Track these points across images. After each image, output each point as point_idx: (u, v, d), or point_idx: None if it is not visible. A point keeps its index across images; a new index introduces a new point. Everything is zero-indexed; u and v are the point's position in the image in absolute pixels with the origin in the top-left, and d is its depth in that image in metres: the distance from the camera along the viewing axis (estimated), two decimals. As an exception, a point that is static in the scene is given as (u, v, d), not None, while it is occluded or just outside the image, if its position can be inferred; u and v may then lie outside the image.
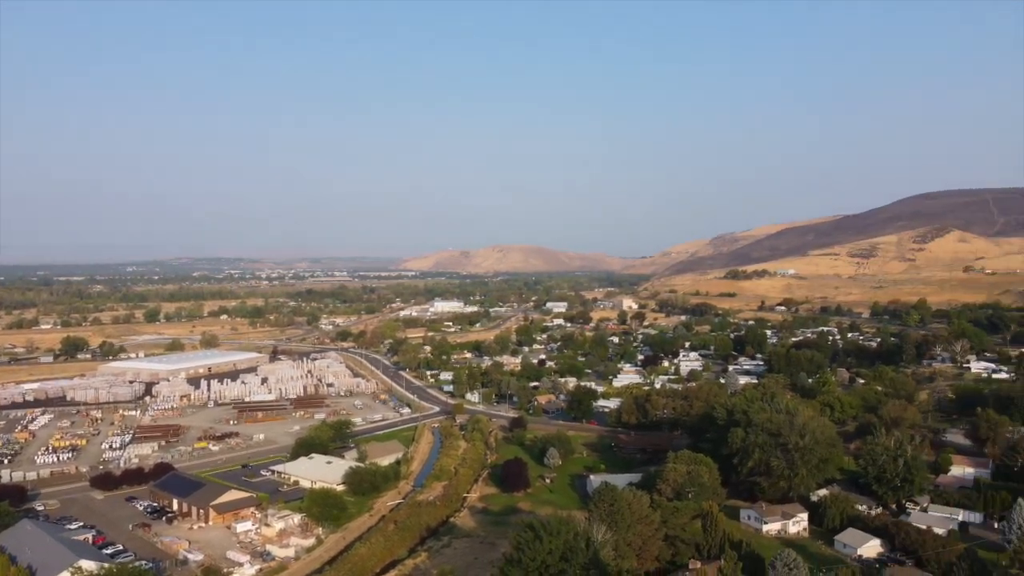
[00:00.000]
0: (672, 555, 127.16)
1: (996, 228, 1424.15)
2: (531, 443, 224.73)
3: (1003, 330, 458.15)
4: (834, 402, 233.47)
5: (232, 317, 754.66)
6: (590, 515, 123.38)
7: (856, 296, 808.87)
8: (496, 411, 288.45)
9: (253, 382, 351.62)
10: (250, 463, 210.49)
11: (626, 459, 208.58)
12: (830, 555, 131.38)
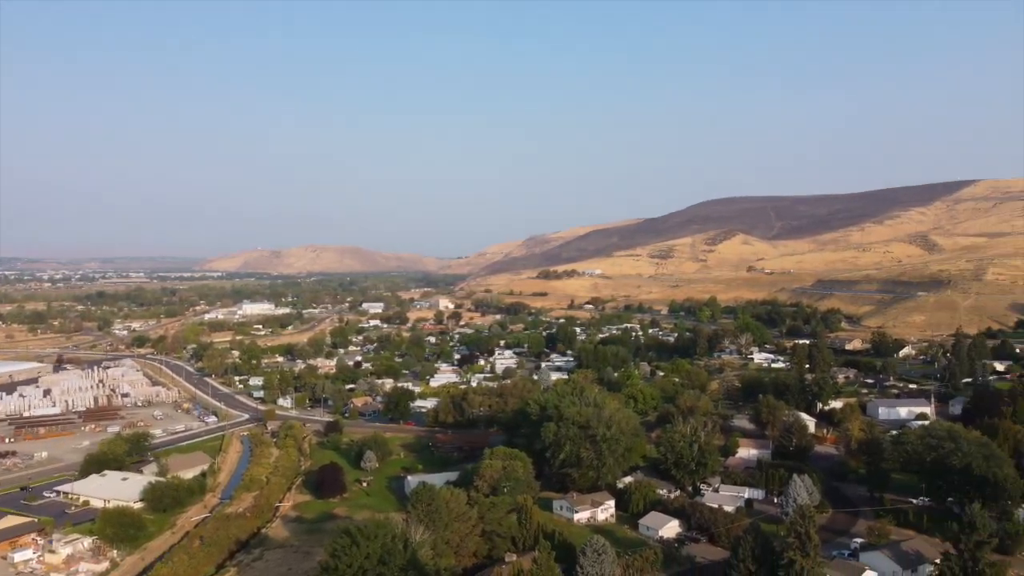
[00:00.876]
0: (489, 550, 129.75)
1: (774, 232, 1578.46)
2: (347, 447, 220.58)
3: (780, 324, 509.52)
4: (637, 394, 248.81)
5: (7, 323, 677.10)
6: (408, 516, 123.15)
7: (656, 294, 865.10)
8: (310, 416, 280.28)
9: (33, 395, 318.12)
10: (31, 485, 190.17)
11: (444, 458, 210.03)
12: (635, 538, 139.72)
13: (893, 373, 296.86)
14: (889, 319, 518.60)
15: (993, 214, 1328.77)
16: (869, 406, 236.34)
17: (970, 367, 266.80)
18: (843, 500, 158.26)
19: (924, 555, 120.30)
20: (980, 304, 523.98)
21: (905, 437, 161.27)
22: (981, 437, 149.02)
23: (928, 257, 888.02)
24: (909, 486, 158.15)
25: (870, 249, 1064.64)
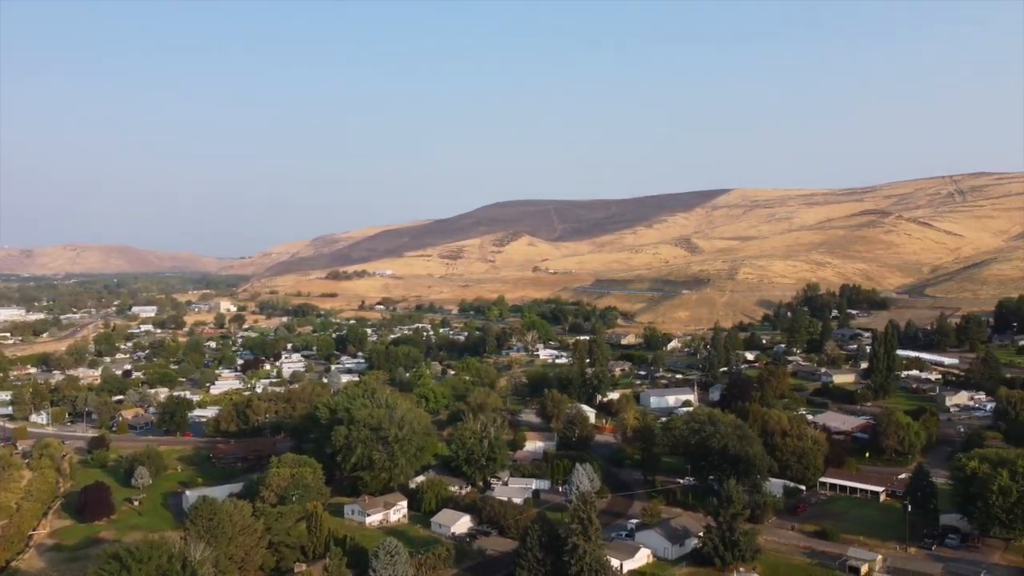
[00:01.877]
0: (277, 561, 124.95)
1: (557, 234, 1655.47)
2: (115, 464, 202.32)
3: (563, 321, 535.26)
4: (429, 393, 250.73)
5: None
6: (186, 533, 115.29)
7: (447, 294, 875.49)
8: (71, 432, 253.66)
9: None
10: None
11: (227, 469, 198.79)
12: (428, 536, 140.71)
13: (662, 365, 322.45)
14: (658, 315, 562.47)
15: (744, 220, 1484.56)
16: (642, 396, 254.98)
17: (726, 357, 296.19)
18: (621, 484, 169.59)
19: (690, 529, 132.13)
20: (734, 300, 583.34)
21: (673, 423, 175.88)
22: (736, 420, 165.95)
23: (691, 258, 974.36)
24: (677, 468, 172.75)
25: (642, 251, 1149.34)
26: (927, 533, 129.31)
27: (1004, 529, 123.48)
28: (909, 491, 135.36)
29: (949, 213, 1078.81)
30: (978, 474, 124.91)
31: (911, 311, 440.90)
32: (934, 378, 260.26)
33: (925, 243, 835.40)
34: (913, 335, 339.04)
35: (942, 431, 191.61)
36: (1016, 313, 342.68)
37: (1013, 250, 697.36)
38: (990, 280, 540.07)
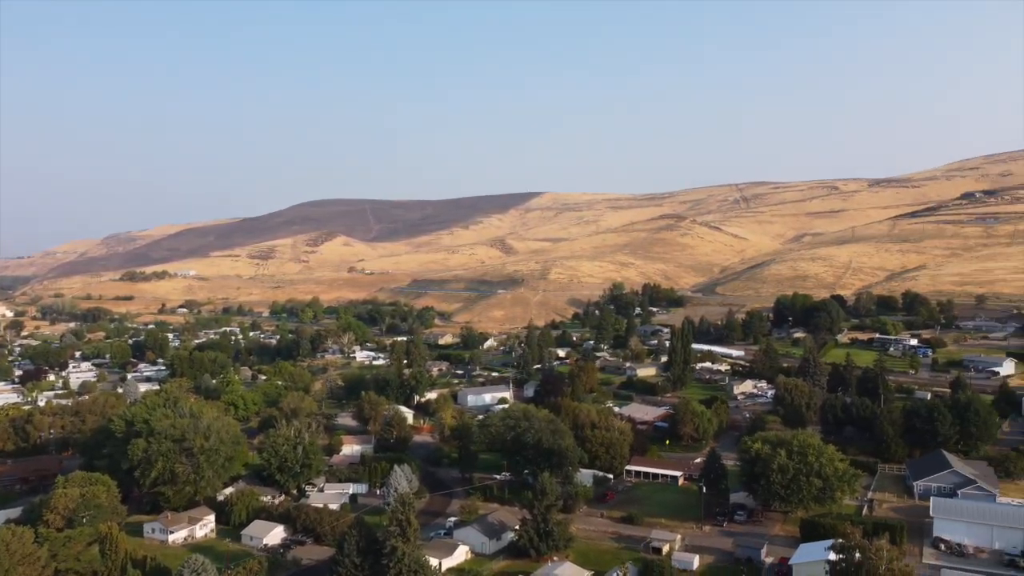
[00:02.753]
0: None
1: (373, 234, 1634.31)
2: None
3: (380, 322, 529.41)
4: (238, 400, 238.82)
5: None
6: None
7: (257, 296, 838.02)
8: None
9: None
10: None
11: (3, 493, 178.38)
12: (239, 550, 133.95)
13: (479, 364, 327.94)
14: (475, 315, 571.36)
15: (555, 222, 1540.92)
16: (460, 395, 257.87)
17: (539, 355, 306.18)
18: (439, 484, 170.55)
19: (507, 523, 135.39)
20: (546, 299, 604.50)
21: (489, 420, 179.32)
22: (549, 415, 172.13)
23: (506, 259, 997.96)
24: (494, 464, 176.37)
25: (458, 251, 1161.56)
26: (719, 511, 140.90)
27: (783, 503, 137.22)
28: (703, 474, 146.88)
29: (736, 218, 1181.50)
30: (761, 455, 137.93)
31: (704, 308, 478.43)
32: (724, 369, 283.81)
33: (716, 245, 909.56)
34: (706, 330, 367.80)
35: (731, 417, 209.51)
36: (791, 309, 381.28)
37: (788, 252, 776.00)
38: (769, 279, 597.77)
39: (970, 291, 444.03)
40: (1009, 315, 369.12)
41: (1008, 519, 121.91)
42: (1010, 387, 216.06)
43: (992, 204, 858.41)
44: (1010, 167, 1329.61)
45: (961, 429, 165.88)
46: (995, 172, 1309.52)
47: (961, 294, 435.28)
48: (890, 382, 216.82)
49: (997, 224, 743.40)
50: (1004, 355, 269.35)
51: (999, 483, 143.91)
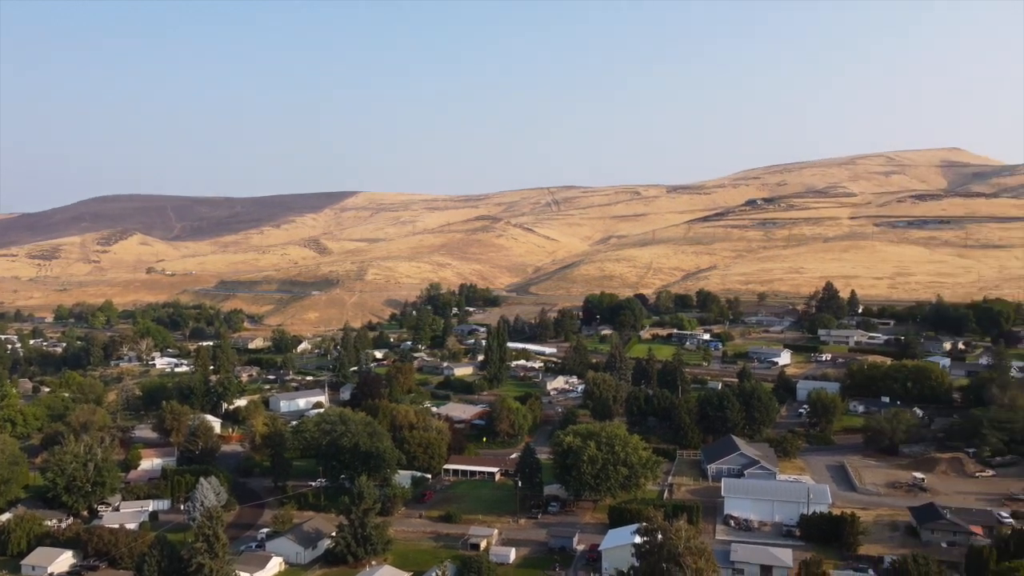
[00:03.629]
0: None
1: (175, 233, 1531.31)
2: None
3: (183, 326, 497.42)
4: (16, 416, 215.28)
5: None
6: None
7: (39, 299, 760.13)
8: None
9: None
10: None
11: None
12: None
13: (292, 367, 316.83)
14: (288, 317, 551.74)
15: (371, 222, 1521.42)
16: (272, 401, 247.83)
17: (356, 357, 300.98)
18: (250, 494, 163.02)
19: (323, 531, 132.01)
20: (363, 300, 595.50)
21: (303, 426, 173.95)
22: (366, 417, 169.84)
23: (320, 259, 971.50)
24: (310, 471, 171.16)
25: (269, 251, 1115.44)
26: (533, 504, 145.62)
27: (593, 492, 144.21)
28: (519, 468, 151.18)
29: (548, 220, 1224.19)
30: (572, 447, 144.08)
31: (519, 307, 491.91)
32: (538, 366, 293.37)
33: (529, 246, 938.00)
34: (521, 329, 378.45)
35: (545, 412, 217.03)
36: (599, 307, 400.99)
37: (595, 253, 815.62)
38: (579, 279, 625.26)
39: (753, 289, 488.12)
40: (785, 311, 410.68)
41: (786, 494, 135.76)
42: (787, 375, 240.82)
43: (771, 211, 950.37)
44: (785, 177, 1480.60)
45: (747, 415, 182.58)
46: (773, 182, 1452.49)
47: (746, 292, 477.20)
48: (687, 374, 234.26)
49: (775, 229, 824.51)
50: (782, 347, 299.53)
51: (778, 462, 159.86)
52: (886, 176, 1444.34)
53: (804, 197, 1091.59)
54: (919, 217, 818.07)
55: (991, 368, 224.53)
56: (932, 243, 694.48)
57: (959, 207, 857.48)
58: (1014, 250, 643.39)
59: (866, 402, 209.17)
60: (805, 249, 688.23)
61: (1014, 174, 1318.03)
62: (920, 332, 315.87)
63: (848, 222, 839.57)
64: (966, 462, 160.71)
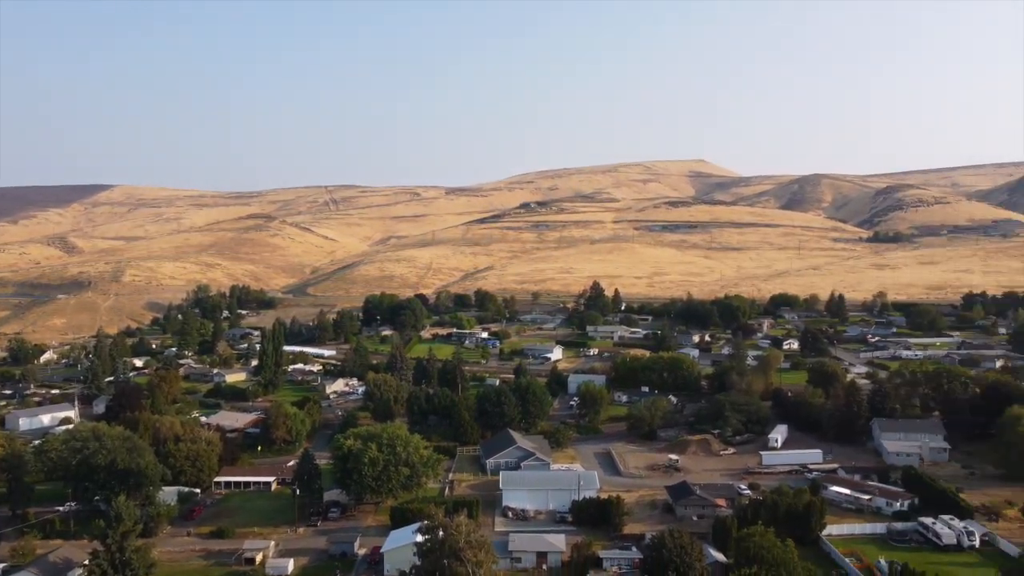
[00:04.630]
0: None
1: None
2: None
3: None
4: None
5: None
6: None
7: None
8: None
9: None
10: None
11: None
12: None
13: (34, 380, 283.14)
14: (28, 323, 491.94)
15: (129, 219, 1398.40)
16: (9, 419, 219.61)
17: (112, 366, 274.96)
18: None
19: (73, 560, 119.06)
20: (120, 304, 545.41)
21: (48, 445, 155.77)
22: (124, 431, 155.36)
23: (68, 259, 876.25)
24: (57, 495, 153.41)
25: (5, 250, 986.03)
26: (313, 511, 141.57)
27: (374, 495, 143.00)
28: (297, 476, 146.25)
29: (326, 220, 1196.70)
30: (353, 450, 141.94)
31: (296, 309, 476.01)
32: (316, 369, 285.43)
33: (306, 246, 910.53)
34: (298, 331, 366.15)
35: (324, 416, 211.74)
36: (379, 308, 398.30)
37: (375, 254, 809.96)
38: (359, 280, 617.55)
39: (528, 288, 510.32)
40: (557, 309, 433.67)
41: (558, 483, 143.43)
42: (559, 370, 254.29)
43: (544, 214, 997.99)
44: (557, 182, 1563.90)
45: (523, 409, 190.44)
46: (546, 186, 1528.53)
47: (521, 291, 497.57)
48: (466, 372, 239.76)
49: (547, 231, 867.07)
50: (554, 343, 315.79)
51: (552, 453, 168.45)
52: (644, 183, 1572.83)
53: (573, 201, 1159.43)
54: (672, 222, 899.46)
55: (731, 357, 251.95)
56: (683, 245, 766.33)
57: (705, 213, 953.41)
58: (749, 252, 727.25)
59: (629, 392, 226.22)
60: (574, 250, 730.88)
61: (749, 185, 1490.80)
62: (674, 326, 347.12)
63: (612, 225, 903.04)
64: (712, 442, 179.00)
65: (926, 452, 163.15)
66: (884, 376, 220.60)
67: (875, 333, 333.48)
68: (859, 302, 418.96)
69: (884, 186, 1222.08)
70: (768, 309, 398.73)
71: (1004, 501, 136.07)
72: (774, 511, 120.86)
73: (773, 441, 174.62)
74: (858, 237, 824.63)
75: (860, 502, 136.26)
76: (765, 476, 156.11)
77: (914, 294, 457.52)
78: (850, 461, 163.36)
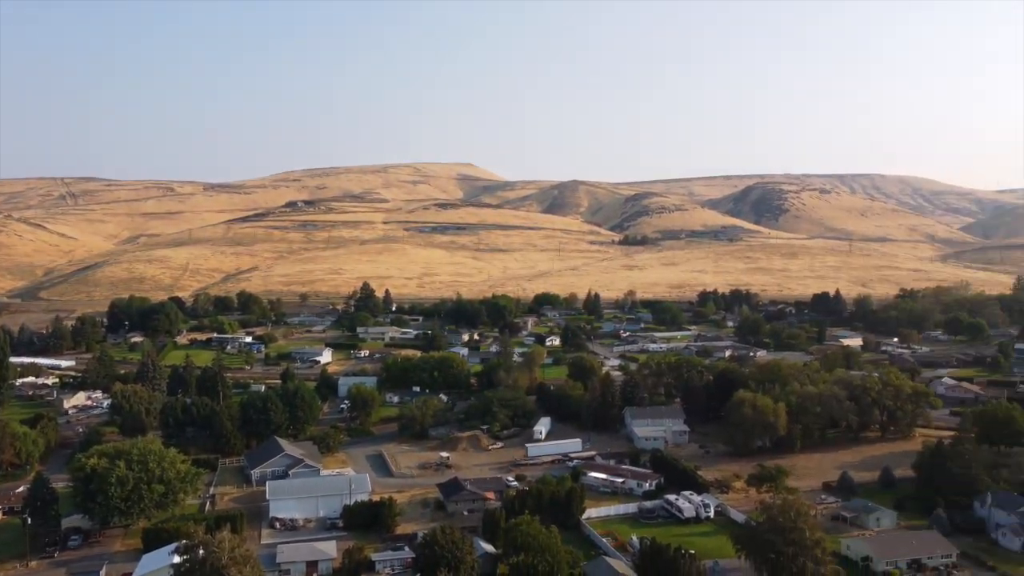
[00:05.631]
0: None
1: None
2: None
3: None
4: None
5: None
6: None
7: None
8: None
9: None
10: None
11: None
12: None
13: None
14: None
15: None
16: None
17: None
18: None
19: None
20: None
21: None
22: None
23: None
24: None
25: None
26: (49, 541, 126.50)
27: (124, 517, 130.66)
28: (28, 503, 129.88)
29: (62, 215, 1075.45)
30: (97, 470, 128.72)
31: (25, 315, 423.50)
32: (52, 382, 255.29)
33: (38, 245, 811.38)
34: (29, 340, 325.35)
35: (62, 435, 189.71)
36: (128, 312, 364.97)
37: (123, 253, 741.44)
38: (103, 282, 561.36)
39: (295, 290, 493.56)
40: (326, 310, 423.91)
41: (329, 488, 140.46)
42: (328, 372, 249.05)
43: (311, 213, 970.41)
44: (325, 181, 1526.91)
45: (291, 415, 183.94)
46: (313, 184, 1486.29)
47: (288, 293, 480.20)
48: (228, 379, 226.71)
49: (315, 231, 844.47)
50: (323, 345, 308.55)
51: (322, 458, 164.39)
52: (414, 185, 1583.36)
53: (342, 201, 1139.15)
54: (441, 223, 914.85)
55: (499, 355, 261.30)
56: (452, 247, 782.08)
57: (473, 216, 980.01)
58: (514, 253, 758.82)
59: (400, 392, 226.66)
60: (344, 251, 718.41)
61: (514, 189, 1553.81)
62: (444, 326, 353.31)
63: (382, 226, 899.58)
64: (481, 438, 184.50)
65: (670, 435, 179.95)
66: (634, 368, 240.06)
67: (626, 329, 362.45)
68: (613, 300, 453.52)
69: (633, 193, 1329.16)
70: (532, 308, 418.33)
71: (733, 475, 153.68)
72: (539, 500, 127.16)
73: (538, 433, 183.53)
74: (611, 240, 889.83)
75: (615, 485, 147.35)
76: (531, 467, 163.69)
77: (659, 292, 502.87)
78: (606, 448, 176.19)
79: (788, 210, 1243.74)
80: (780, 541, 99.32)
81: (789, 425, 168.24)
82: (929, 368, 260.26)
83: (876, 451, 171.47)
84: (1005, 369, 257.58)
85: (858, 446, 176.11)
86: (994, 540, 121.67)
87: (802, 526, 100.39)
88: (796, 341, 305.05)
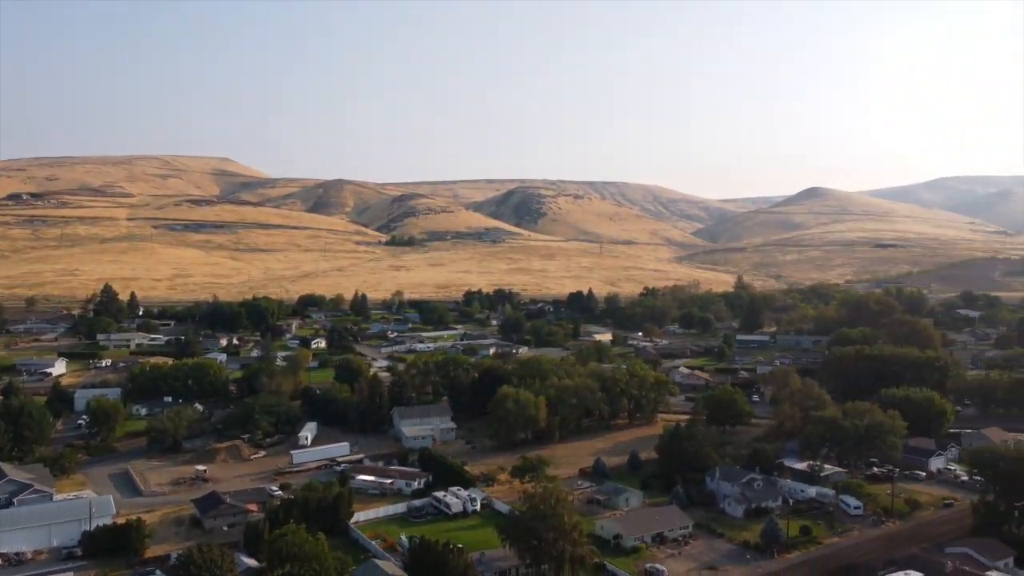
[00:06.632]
0: None
1: None
2: None
3: None
4: None
5: None
6: None
7: None
8: None
9: None
10: None
11: None
12: None
13: None
14: None
15: None
16: None
17: None
18: None
19: None
20: None
21: None
22: None
23: None
24: None
25: None
26: None
27: None
28: None
29: None
30: None
31: None
32: None
33: None
34: None
35: None
36: None
37: None
38: None
39: (21, 294, 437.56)
40: (59, 316, 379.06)
41: (63, 515, 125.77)
42: (63, 385, 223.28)
43: (40, 207, 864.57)
44: (56, 172, 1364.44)
45: (15, 434, 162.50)
46: (42, 175, 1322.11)
47: (11, 297, 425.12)
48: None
49: (45, 227, 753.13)
50: (56, 355, 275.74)
51: (55, 481, 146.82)
52: (163, 179, 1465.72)
53: (78, 195, 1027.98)
54: (196, 221, 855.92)
55: (261, 359, 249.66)
56: (208, 246, 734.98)
57: (231, 214, 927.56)
58: (277, 254, 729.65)
59: (149, 403, 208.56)
60: (81, 250, 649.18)
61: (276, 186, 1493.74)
62: (199, 331, 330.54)
63: (126, 223, 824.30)
64: (242, 447, 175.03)
65: (438, 433, 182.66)
66: (402, 368, 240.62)
67: (394, 329, 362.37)
68: (380, 301, 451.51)
69: (400, 194, 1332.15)
70: (297, 309, 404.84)
71: (498, 468, 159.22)
72: (305, 507, 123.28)
73: (303, 439, 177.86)
74: (378, 240, 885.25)
75: (384, 486, 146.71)
76: (296, 474, 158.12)
77: (426, 292, 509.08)
78: (375, 450, 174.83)
79: (546, 214, 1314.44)
80: (541, 528, 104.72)
81: (549, 417, 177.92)
82: (668, 359, 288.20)
83: (625, 437, 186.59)
84: (728, 358, 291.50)
85: (610, 433, 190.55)
86: (722, 509, 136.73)
87: (561, 512, 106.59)
88: (554, 337, 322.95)
